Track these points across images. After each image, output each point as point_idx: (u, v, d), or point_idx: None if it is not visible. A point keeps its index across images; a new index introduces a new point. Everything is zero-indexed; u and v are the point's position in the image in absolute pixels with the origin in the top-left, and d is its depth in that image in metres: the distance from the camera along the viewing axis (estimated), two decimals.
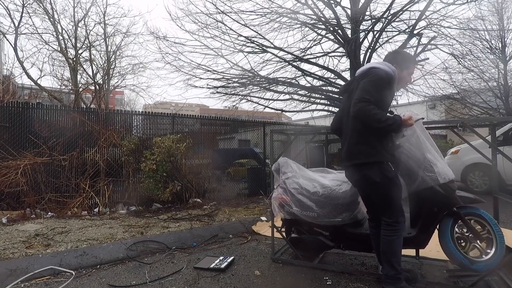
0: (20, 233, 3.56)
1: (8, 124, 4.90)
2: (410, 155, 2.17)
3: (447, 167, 2.18)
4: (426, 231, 2.30)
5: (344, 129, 2.26)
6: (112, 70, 11.39)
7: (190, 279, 2.58)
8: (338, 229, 2.59)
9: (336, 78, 7.66)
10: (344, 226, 2.57)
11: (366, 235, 2.45)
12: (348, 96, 2.24)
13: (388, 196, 2.07)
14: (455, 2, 6.04)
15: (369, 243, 2.43)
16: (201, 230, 3.93)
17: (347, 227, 2.58)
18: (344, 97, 2.35)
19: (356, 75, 2.23)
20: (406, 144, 2.18)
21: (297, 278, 2.57)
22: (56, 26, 9.35)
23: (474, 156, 6.71)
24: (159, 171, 5.36)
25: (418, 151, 2.15)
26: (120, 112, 6.35)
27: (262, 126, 7.81)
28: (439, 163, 2.14)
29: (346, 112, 2.21)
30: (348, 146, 2.16)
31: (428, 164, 2.12)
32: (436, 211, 2.22)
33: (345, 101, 2.29)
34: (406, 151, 2.17)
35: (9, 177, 4.56)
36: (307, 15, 6.98)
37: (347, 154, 2.17)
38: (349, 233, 2.57)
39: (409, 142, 2.17)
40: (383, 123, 1.93)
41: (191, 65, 7.38)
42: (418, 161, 2.15)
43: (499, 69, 11.63)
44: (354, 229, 2.59)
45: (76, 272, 2.68)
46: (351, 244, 2.64)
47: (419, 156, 2.15)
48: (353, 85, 2.20)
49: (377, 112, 1.94)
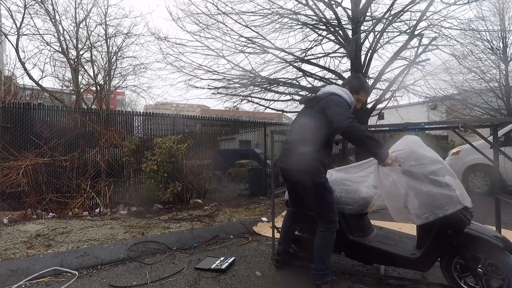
0: (21, 234, 3.57)
1: (10, 124, 4.91)
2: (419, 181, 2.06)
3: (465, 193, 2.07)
4: (432, 254, 2.19)
5: (289, 136, 2.58)
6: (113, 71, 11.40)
7: (191, 279, 2.58)
8: (340, 235, 2.51)
9: (337, 78, 7.66)
10: (347, 233, 2.52)
11: (369, 248, 2.43)
12: (308, 109, 2.48)
13: (321, 199, 2.33)
14: (456, 3, 6.03)
15: (370, 255, 2.45)
16: (202, 231, 3.93)
17: (350, 234, 2.52)
18: (304, 108, 2.58)
19: (320, 94, 2.46)
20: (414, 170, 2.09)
21: (298, 279, 2.57)
22: (57, 27, 9.37)
23: (475, 157, 6.69)
24: (160, 171, 5.36)
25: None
26: (121, 113, 6.36)
27: (263, 126, 7.80)
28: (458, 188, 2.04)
29: (302, 121, 2.49)
30: (291, 152, 2.43)
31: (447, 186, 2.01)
32: (449, 234, 2.08)
33: (302, 112, 2.58)
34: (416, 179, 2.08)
35: (11, 177, 4.57)
36: (308, 16, 6.98)
37: (290, 159, 2.42)
38: (351, 241, 2.51)
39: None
40: (372, 142, 2.08)
41: (192, 66, 7.38)
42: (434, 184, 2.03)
43: (500, 69, 11.62)
44: (357, 238, 2.53)
45: (78, 273, 2.69)
46: (352, 252, 2.57)
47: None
48: (315, 102, 2.41)
49: (366, 129, 2.14)
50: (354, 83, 2.54)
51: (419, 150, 2.14)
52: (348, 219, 2.55)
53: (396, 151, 2.17)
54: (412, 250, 2.30)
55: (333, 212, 2.31)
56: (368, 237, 2.55)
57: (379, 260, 2.48)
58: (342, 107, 2.24)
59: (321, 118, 2.29)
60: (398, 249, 2.37)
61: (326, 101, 2.31)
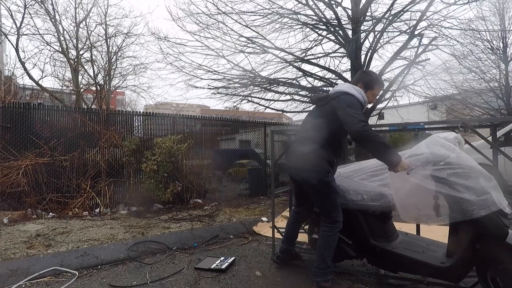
0: (21, 234, 3.57)
1: (10, 124, 4.91)
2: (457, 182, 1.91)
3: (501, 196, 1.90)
4: (464, 264, 1.97)
5: (298, 134, 2.57)
6: (113, 71, 11.41)
7: (191, 279, 2.59)
8: (362, 239, 2.38)
9: (337, 78, 7.65)
10: (370, 238, 2.37)
11: (393, 254, 2.26)
12: (319, 108, 2.44)
13: (326, 198, 2.31)
14: (456, 3, 6.02)
15: (395, 263, 2.28)
16: (202, 231, 3.94)
17: (373, 239, 2.37)
18: (315, 107, 2.55)
19: (331, 93, 2.41)
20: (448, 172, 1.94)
21: (298, 279, 2.57)
22: (57, 27, 9.38)
23: (475, 157, 6.63)
24: (160, 171, 5.36)
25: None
26: (121, 113, 6.36)
27: (263, 126, 7.80)
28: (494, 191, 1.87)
29: (311, 120, 2.47)
30: (298, 150, 2.42)
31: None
32: (485, 242, 1.88)
33: (312, 111, 2.56)
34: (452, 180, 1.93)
35: (11, 177, 4.57)
36: (308, 16, 6.97)
37: (297, 157, 2.43)
38: (374, 246, 2.34)
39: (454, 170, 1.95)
40: (383, 148, 2.05)
41: (192, 66, 7.37)
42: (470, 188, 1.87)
43: (501, 69, 11.60)
44: (381, 243, 2.35)
45: (78, 272, 2.69)
46: (376, 259, 2.38)
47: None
48: (326, 101, 2.37)
49: (378, 134, 2.12)
50: (366, 79, 2.46)
51: (442, 152, 1.97)
52: (371, 222, 2.39)
53: (414, 155, 2.04)
54: (441, 259, 2.12)
55: (338, 212, 2.28)
56: (392, 243, 2.38)
57: (404, 268, 2.30)
58: (354, 108, 2.18)
59: (331, 117, 2.25)
60: (426, 256, 2.19)
61: (337, 101, 2.25)
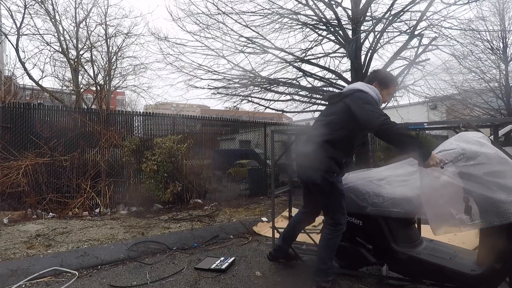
0: (21, 234, 3.57)
1: (10, 124, 4.91)
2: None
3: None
4: (497, 272, 1.83)
5: (309, 133, 2.50)
6: (113, 71, 11.41)
7: (191, 279, 2.58)
8: (383, 245, 2.23)
9: (337, 79, 7.65)
10: (392, 244, 2.22)
11: (418, 261, 2.11)
12: (331, 106, 2.37)
13: (330, 198, 2.26)
14: (456, 3, 6.02)
15: (419, 270, 2.12)
16: (202, 231, 3.93)
17: (395, 244, 2.22)
18: (328, 105, 2.49)
19: (344, 91, 2.32)
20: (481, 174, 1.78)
21: (298, 279, 2.57)
22: (57, 27, 9.37)
23: None
24: (160, 171, 5.36)
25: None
26: (121, 113, 6.36)
27: (263, 126, 7.80)
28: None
29: (323, 118, 2.38)
30: (306, 148, 2.35)
31: None
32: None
33: (325, 110, 2.49)
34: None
35: (11, 177, 4.57)
36: (308, 16, 6.97)
37: (304, 155, 2.38)
38: (396, 252, 2.18)
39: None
40: (411, 140, 1.94)
41: (192, 66, 7.36)
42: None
43: (501, 69, 11.60)
44: (404, 249, 2.19)
45: (78, 273, 2.69)
46: (398, 265, 2.22)
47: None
48: (339, 99, 2.28)
49: (402, 127, 2.02)
50: (382, 77, 2.35)
51: (474, 148, 1.81)
52: (393, 227, 2.24)
53: (444, 150, 1.89)
54: (471, 266, 1.95)
55: (341, 214, 2.22)
56: (417, 249, 2.21)
57: (430, 276, 2.12)
58: (371, 104, 2.10)
59: (344, 115, 2.17)
60: (454, 263, 2.01)
61: (351, 99, 2.16)
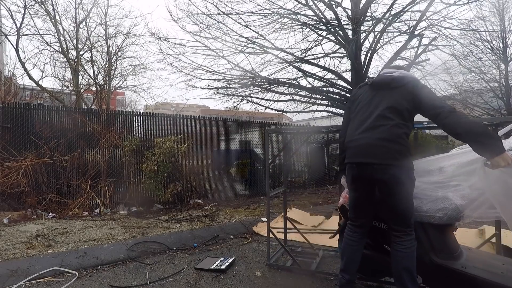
0: (21, 234, 3.57)
1: (10, 125, 4.91)
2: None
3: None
4: None
5: (360, 122, 1.97)
6: (113, 71, 11.39)
7: (191, 280, 2.58)
8: (420, 255, 1.87)
9: (337, 79, 7.66)
10: (431, 254, 1.89)
11: (464, 276, 1.75)
12: (388, 90, 1.94)
13: (410, 200, 1.84)
14: (456, 3, 6.03)
15: (465, 286, 1.76)
16: (202, 231, 3.93)
17: (434, 255, 1.87)
18: (379, 90, 2.01)
19: (400, 76, 1.94)
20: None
21: (298, 280, 2.57)
22: (57, 27, 9.37)
23: None
24: (160, 171, 5.37)
25: None
26: (121, 113, 6.36)
27: (263, 127, 7.81)
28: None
29: (385, 104, 1.91)
30: (374, 140, 1.86)
31: None
32: None
33: (378, 94, 1.99)
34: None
35: (11, 177, 4.57)
36: (308, 16, 6.98)
37: (373, 150, 1.86)
38: (436, 264, 1.85)
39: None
40: (486, 131, 1.65)
41: (192, 66, 7.39)
42: None
43: (500, 70, 11.60)
44: (445, 261, 1.84)
45: (78, 273, 2.69)
46: (436, 280, 1.88)
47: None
48: (402, 83, 1.92)
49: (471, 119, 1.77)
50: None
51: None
52: (432, 234, 1.89)
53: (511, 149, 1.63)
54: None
55: (413, 217, 1.88)
56: (460, 261, 1.85)
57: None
58: (435, 94, 1.86)
59: (407, 104, 1.85)
60: (508, 279, 1.67)
61: (412, 86, 1.87)
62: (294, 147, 5.52)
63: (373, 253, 2.10)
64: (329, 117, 10.49)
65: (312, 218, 4.48)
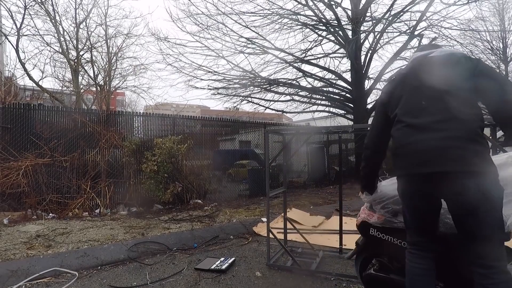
0: (21, 234, 3.57)
1: (10, 125, 4.92)
2: None
3: None
4: None
5: (428, 115, 1.42)
6: (113, 72, 11.41)
7: (191, 280, 2.58)
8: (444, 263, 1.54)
9: (336, 79, 7.67)
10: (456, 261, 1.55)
11: None
12: (453, 67, 1.45)
13: (500, 219, 1.34)
14: (456, 3, 6.05)
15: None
16: (202, 231, 3.94)
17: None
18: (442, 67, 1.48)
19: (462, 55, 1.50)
20: None
21: (298, 280, 2.57)
22: (57, 27, 9.38)
23: None
24: (160, 172, 5.37)
25: None
26: (121, 113, 6.37)
27: (263, 127, 7.82)
28: None
29: (454, 91, 1.40)
30: (451, 142, 1.35)
31: None
32: None
33: (455, 78, 1.43)
34: None
35: (11, 178, 4.57)
36: (308, 16, 7.00)
37: (447, 154, 1.34)
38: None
39: None
40: None
41: (192, 66, 7.41)
42: None
43: (500, 70, 11.61)
44: None
45: (78, 273, 2.69)
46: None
47: None
48: (471, 62, 1.45)
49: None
50: None
51: None
52: None
53: None
54: None
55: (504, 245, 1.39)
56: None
57: None
58: None
59: (471, 94, 1.41)
60: None
61: (479, 68, 1.42)
62: (294, 148, 5.53)
63: (403, 279, 1.58)
64: (329, 117, 10.51)
65: (312, 219, 4.49)
